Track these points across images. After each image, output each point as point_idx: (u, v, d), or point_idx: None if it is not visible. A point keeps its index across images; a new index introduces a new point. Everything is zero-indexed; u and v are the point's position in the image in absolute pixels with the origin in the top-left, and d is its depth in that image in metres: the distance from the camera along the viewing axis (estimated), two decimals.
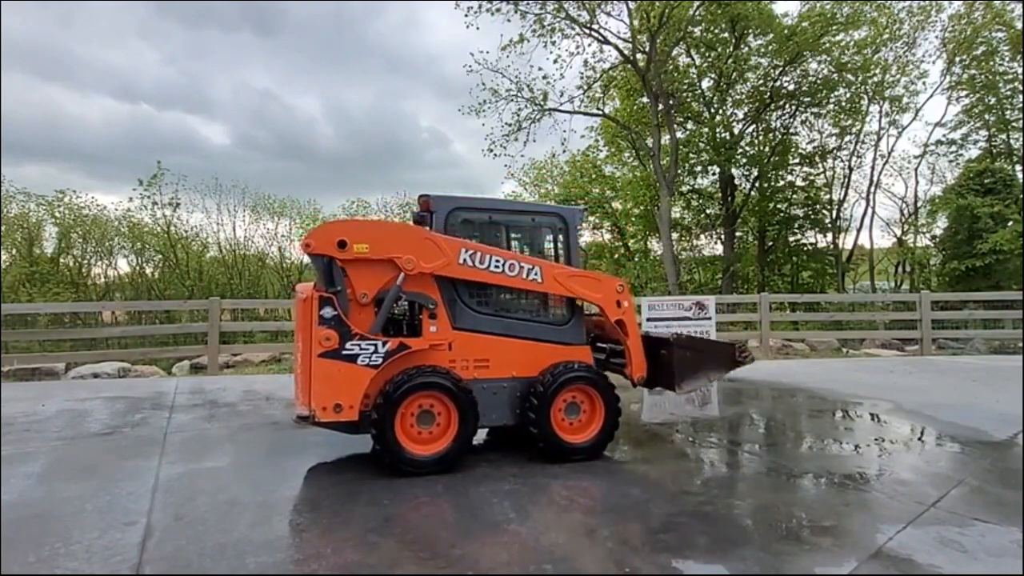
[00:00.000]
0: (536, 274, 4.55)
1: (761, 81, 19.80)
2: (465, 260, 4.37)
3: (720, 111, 20.55)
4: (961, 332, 12.58)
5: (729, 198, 21.23)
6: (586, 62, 18.32)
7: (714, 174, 21.45)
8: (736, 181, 21.43)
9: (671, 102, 18.74)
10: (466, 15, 16.10)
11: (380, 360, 4.12)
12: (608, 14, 17.17)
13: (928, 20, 19.61)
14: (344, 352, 4.04)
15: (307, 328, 4.07)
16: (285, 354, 11.48)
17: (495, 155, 18.42)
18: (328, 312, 4.04)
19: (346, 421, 4.12)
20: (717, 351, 5.14)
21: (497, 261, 4.45)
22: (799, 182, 21.86)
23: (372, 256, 4.19)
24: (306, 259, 22.26)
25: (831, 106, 20.29)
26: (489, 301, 4.64)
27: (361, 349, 4.09)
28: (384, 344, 4.14)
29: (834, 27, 17.82)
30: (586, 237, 23.88)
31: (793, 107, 20.28)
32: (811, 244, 22.13)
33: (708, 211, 23.01)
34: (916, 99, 20.83)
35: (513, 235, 5.02)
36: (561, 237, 4.98)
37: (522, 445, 4.76)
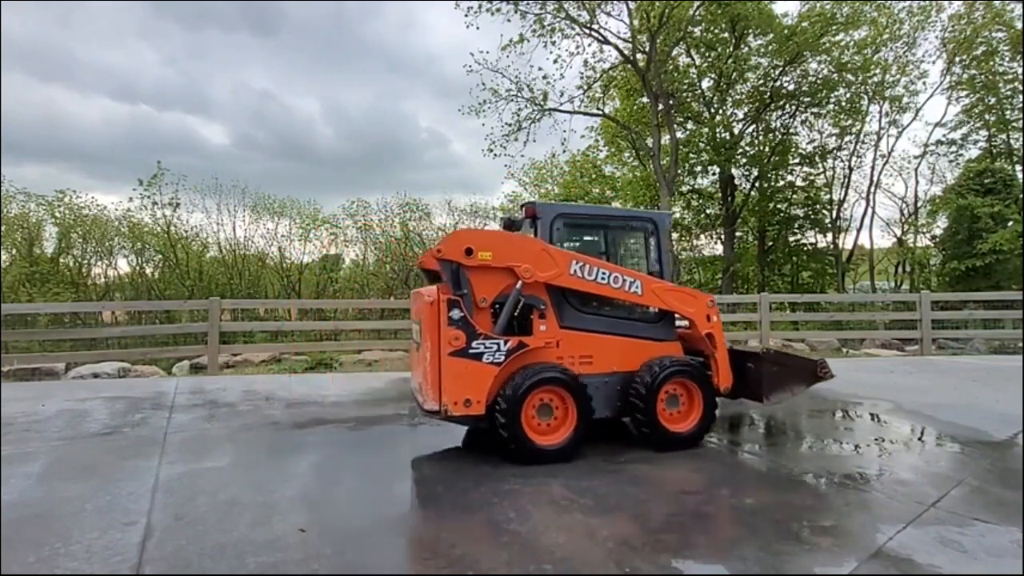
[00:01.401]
0: (637, 287, 4.91)
1: (761, 81, 19.80)
2: (575, 271, 4.71)
3: (720, 111, 20.56)
4: (961, 332, 12.57)
5: (729, 198, 21.24)
6: (586, 62, 18.38)
7: (714, 174, 21.47)
8: (736, 181, 21.44)
9: (671, 102, 18.75)
10: (466, 15, 16.13)
11: (503, 358, 4.45)
12: (608, 14, 17.21)
13: (928, 20, 19.64)
14: (471, 351, 4.36)
15: (435, 329, 4.37)
16: (285, 354, 11.49)
17: (495, 155, 18.44)
18: (456, 314, 4.35)
19: (475, 415, 4.42)
20: (801, 366, 5.33)
21: (603, 274, 4.79)
22: (799, 182, 21.88)
23: (493, 264, 4.52)
24: (306, 259, 22.22)
25: (831, 106, 20.31)
26: (591, 301, 4.95)
27: (485, 348, 4.41)
28: (505, 343, 4.47)
29: (834, 27, 17.83)
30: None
31: (793, 107, 20.28)
32: (811, 244, 22.13)
33: (708, 211, 23.02)
34: (916, 99, 20.89)
35: (610, 239, 5.41)
36: (652, 240, 5.37)
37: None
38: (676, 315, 5.20)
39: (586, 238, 5.28)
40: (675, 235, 20.82)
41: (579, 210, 5.30)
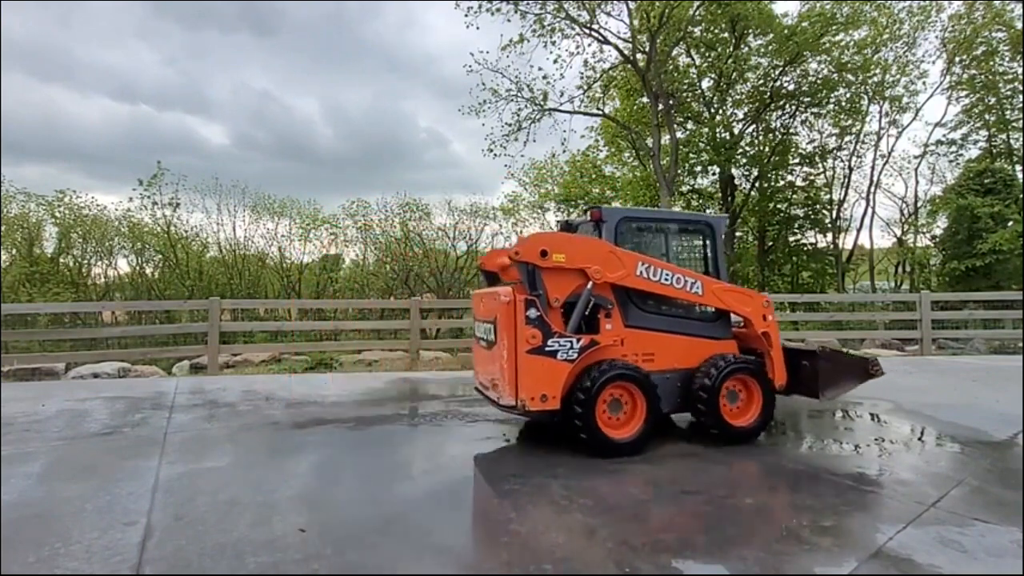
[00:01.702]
0: (698, 287, 5.14)
1: (761, 81, 19.80)
2: (641, 272, 4.94)
3: (720, 111, 20.55)
4: (961, 332, 12.57)
5: (729, 198, 21.23)
6: (586, 62, 18.36)
7: (714, 174, 21.47)
8: (736, 181, 21.44)
9: (671, 102, 18.74)
10: (466, 15, 16.12)
11: (575, 355, 4.65)
12: (608, 14, 17.19)
13: (928, 20, 19.63)
14: (547, 349, 4.57)
15: (512, 328, 4.57)
16: (285, 354, 11.49)
17: (495, 155, 18.41)
18: (533, 313, 4.56)
19: (550, 410, 4.60)
20: (854, 364, 5.52)
21: (667, 275, 5.03)
22: (799, 182, 21.87)
23: (566, 265, 4.72)
24: (306, 259, 22.19)
25: (831, 106, 20.30)
26: (652, 301, 5.17)
27: (560, 346, 4.62)
28: (578, 341, 4.68)
29: (834, 27, 17.82)
30: None
31: (793, 107, 20.28)
32: (811, 244, 22.12)
33: (708, 211, 23.01)
34: (916, 99, 20.87)
35: (670, 241, 5.67)
36: (709, 242, 5.65)
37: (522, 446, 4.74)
38: (731, 314, 5.43)
39: (648, 241, 5.55)
40: None
41: (641, 214, 5.59)
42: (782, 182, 21.56)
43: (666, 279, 5.02)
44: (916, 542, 3.13)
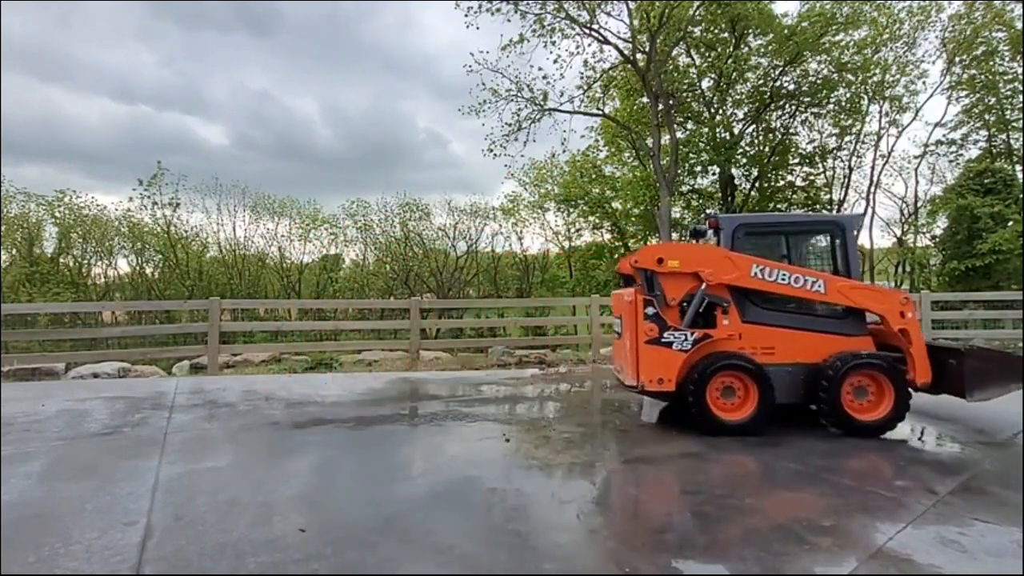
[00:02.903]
0: (820, 286, 5.40)
1: (761, 81, 19.79)
2: (756, 274, 5.37)
3: (720, 111, 20.55)
4: (961, 332, 12.57)
5: (729, 198, 21.22)
6: (586, 62, 18.33)
7: (714, 174, 21.46)
8: (736, 181, 21.43)
9: (671, 102, 18.73)
10: (466, 15, 16.10)
11: (689, 346, 5.33)
12: (608, 14, 17.17)
13: (928, 20, 19.61)
14: (663, 340, 5.33)
15: (634, 323, 5.42)
16: (285, 354, 11.49)
17: (495, 155, 18.39)
18: (650, 311, 5.36)
19: (666, 391, 5.38)
20: (1009, 363, 5.42)
21: (783, 275, 5.38)
22: (799, 182, 21.86)
23: (681, 270, 5.40)
24: (306, 259, 22.17)
25: (831, 106, 20.28)
26: (774, 299, 5.51)
27: (675, 337, 5.35)
28: (692, 334, 5.35)
29: (834, 27, 17.81)
30: (586, 237, 23.91)
31: (793, 107, 20.27)
32: None
33: (708, 211, 23.00)
34: (916, 99, 20.85)
35: (792, 242, 5.92)
36: (838, 242, 5.79)
37: (521, 446, 4.74)
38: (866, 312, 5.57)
39: (768, 243, 5.85)
40: (675, 235, 20.83)
41: (758, 219, 5.89)
42: (782, 182, 21.55)
43: (783, 279, 5.35)
44: (916, 542, 3.13)
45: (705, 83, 20.36)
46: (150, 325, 14.96)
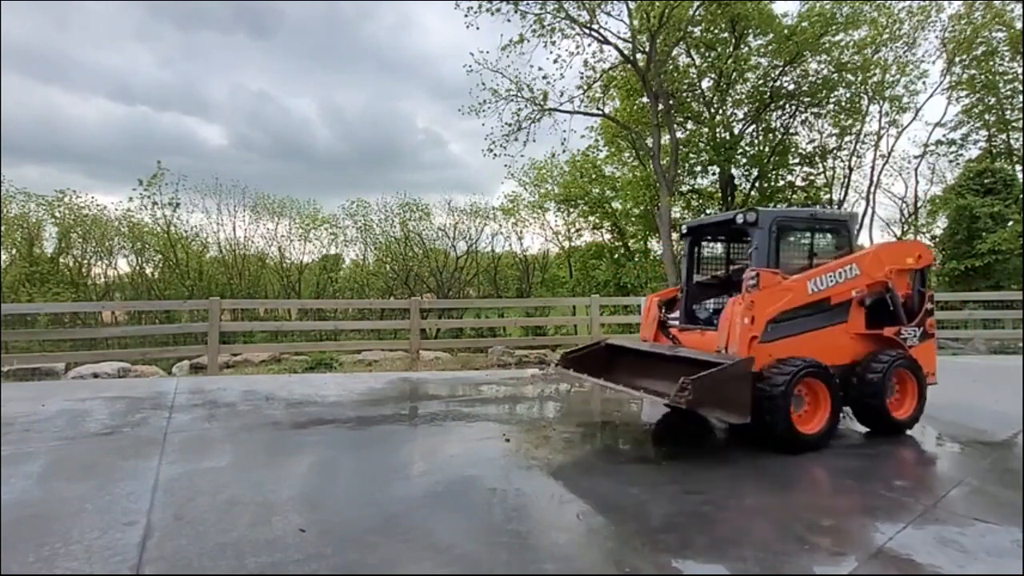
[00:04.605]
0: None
1: (761, 81, 19.80)
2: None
3: (720, 111, 20.56)
4: (961, 332, 12.58)
5: (729, 198, 21.22)
6: (586, 62, 18.33)
7: (714, 174, 21.47)
8: (736, 181, 21.43)
9: (671, 102, 18.74)
10: (466, 15, 16.11)
11: None
12: (608, 14, 17.19)
13: (928, 20, 19.61)
14: None
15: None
16: (285, 354, 11.49)
17: (495, 155, 18.40)
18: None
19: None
20: None
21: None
22: (799, 182, 21.87)
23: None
24: (306, 259, 22.11)
25: (831, 106, 20.29)
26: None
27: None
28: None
29: (834, 27, 17.82)
30: (586, 237, 23.91)
31: (793, 107, 20.27)
32: None
33: (708, 211, 23.00)
34: (916, 99, 20.86)
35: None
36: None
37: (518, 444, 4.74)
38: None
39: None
40: (674, 235, 20.83)
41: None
42: (782, 182, 21.56)
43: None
44: (916, 542, 3.13)
45: (705, 83, 20.37)
46: (150, 325, 14.97)
